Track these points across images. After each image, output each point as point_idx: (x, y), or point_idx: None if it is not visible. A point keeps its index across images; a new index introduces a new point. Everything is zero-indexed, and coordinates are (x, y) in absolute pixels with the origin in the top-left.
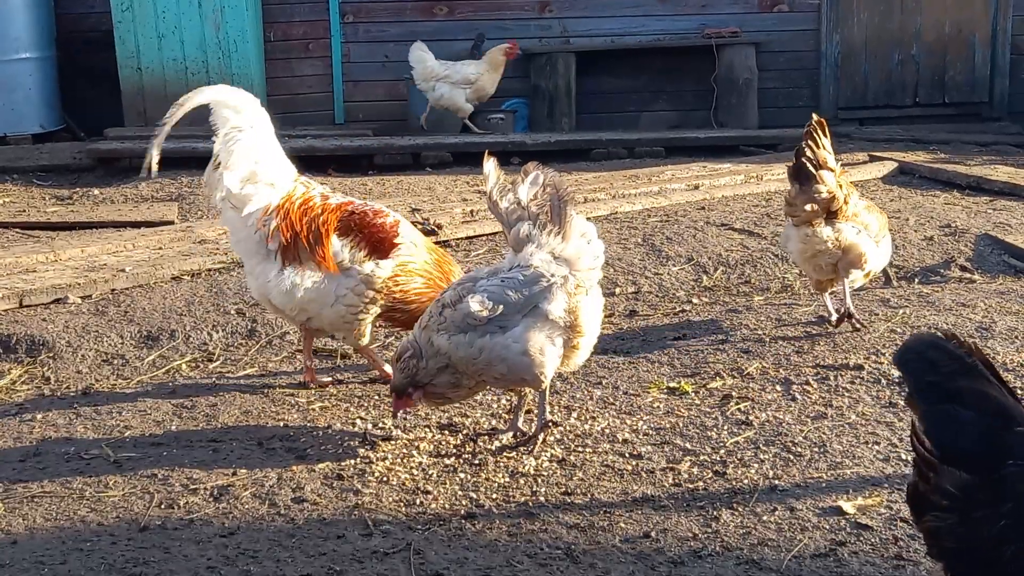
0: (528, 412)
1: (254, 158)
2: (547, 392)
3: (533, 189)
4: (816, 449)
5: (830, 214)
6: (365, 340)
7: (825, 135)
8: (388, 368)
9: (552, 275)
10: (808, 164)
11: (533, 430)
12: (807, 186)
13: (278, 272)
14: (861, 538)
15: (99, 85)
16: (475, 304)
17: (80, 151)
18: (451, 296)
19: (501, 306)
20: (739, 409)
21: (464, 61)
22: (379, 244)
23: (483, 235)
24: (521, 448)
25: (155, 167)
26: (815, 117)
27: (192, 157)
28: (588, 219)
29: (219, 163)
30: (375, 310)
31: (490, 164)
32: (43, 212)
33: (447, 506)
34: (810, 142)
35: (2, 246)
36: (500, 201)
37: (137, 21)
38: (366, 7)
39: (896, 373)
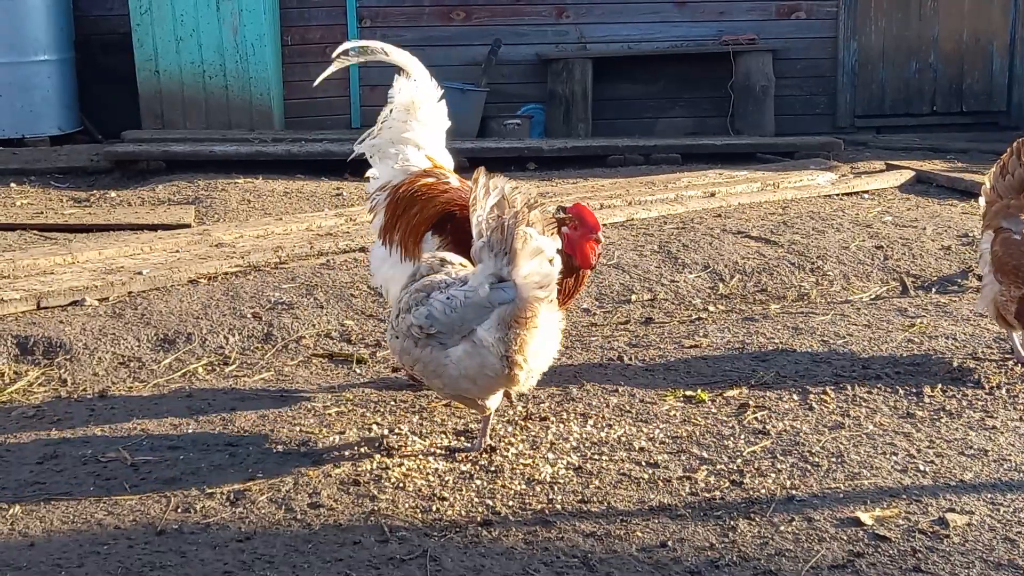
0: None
1: (395, 137)
2: (490, 418)
3: (491, 204)
4: (833, 459)
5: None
6: None
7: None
8: None
9: (490, 302)
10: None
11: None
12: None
13: (378, 244)
14: (879, 550)
15: (117, 88)
16: (415, 318)
17: (97, 153)
18: (407, 301)
19: (436, 326)
20: (756, 418)
21: None
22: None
23: None
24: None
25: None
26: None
27: (209, 160)
28: (606, 224)
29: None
30: None
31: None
32: (60, 214)
33: (463, 513)
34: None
35: (20, 247)
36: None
37: (155, 24)
38: (383, 12)
39: (913, 383)
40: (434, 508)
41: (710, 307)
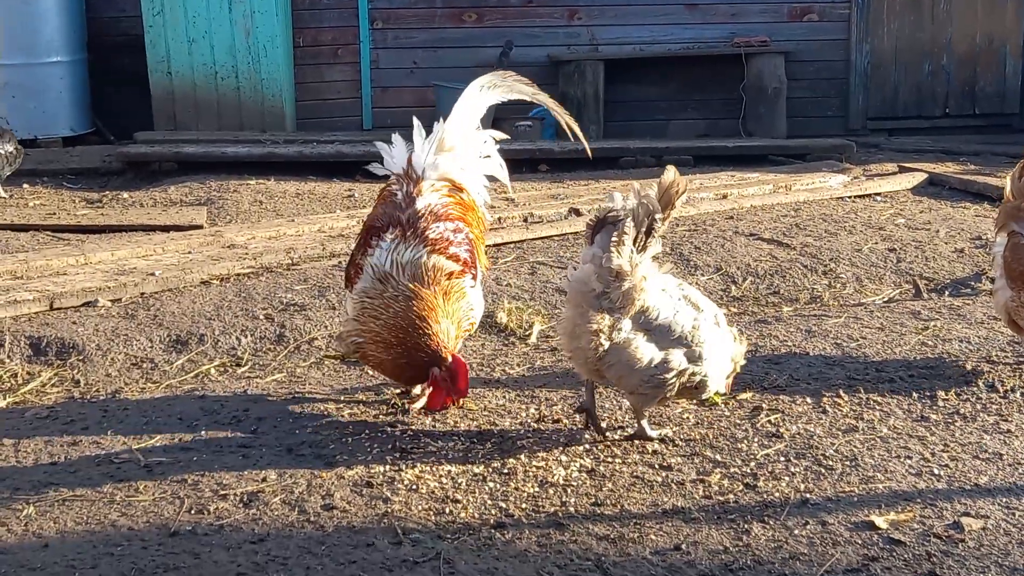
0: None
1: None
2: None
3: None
4: (847, 463)
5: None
6: None
7: None
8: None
9: None
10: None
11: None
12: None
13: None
14: (894, 554)
15: (129, 89)
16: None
17: (110, 154)
18: None
19: None
20: (769, 421)
21: None
22: None
23: (510, 243)
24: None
25: None
26: None
27: (221, 162)
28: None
29: None
30: None
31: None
32: (73, 215)
33: (476, 515)
34: None
35: (33, 248)
36: None
37: (168, 26)
38: (395, 13)
39: (927, 386)
40: (447, 510)
41: (722, 309)
